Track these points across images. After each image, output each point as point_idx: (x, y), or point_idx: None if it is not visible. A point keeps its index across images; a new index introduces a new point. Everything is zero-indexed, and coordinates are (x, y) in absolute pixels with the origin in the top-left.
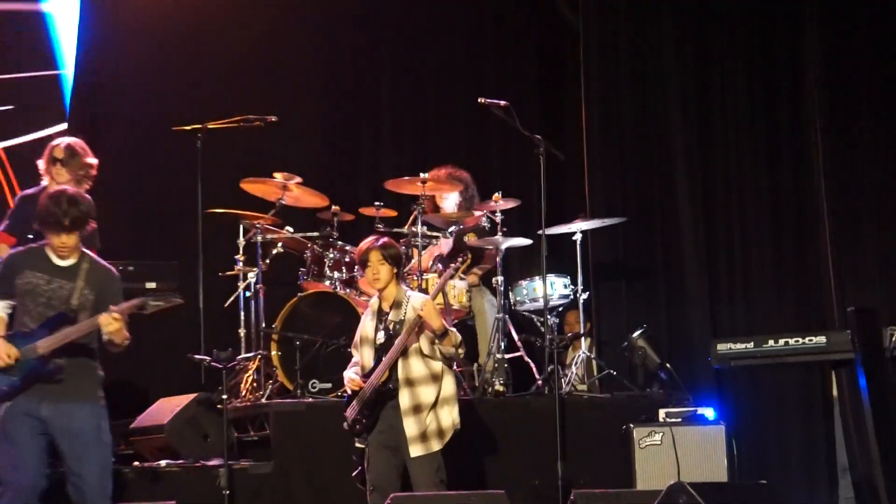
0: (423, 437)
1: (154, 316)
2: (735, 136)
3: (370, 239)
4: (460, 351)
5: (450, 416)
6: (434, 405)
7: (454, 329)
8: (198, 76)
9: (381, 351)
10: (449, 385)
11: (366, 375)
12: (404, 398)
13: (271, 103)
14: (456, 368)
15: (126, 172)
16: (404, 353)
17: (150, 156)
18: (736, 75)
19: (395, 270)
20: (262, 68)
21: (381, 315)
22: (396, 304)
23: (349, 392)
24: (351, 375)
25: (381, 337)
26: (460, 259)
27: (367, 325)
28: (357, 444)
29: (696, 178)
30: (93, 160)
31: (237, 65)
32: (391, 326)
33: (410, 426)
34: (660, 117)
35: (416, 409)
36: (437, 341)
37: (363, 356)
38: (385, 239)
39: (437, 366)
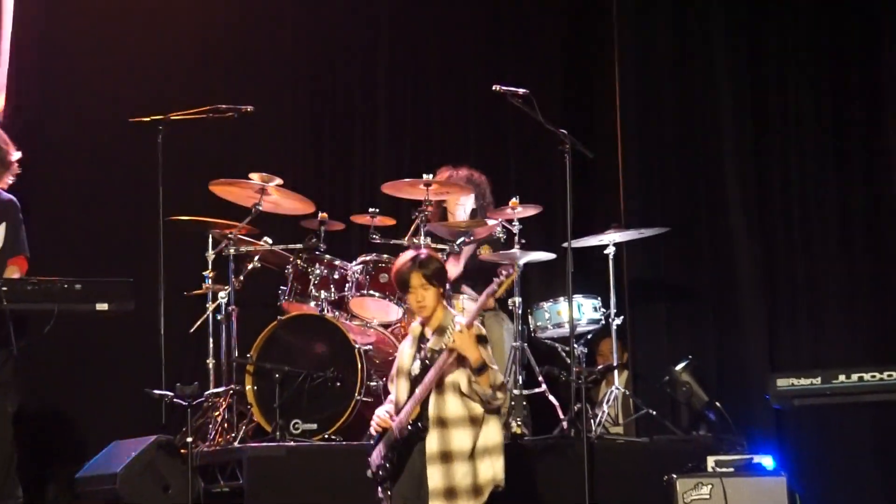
0: (450, 493)
1: (104, 342)
2: (796, 134)
3: (407, 257)
4: (499, 395)
5: (490, 469)
6: (471, 455)
7: (496, 367)
8: (162, 62)
9: (415, 384)
10: (493, 432)
11: (398, 413)
12: (432, 441)
13: (247, 92)
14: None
15: (72, 172)
16: (439, 386)
17: (103, 153)
18: (798, 64)
19: (441, 290)
20: (236, 52)
21: (421, 341)
22: (440, 330)
23: (376, 433)
24: (380, 413)
25: (416, 368)
26: (504, 273)
27: (404, 354)
28: (379, 494)
29: (749, 182)
30: (16, 154)
31: (207, 48)
32: (429, 355)
33: (434, 477)
34: (707, 112)
35: (445, 456)
36: (472, 377)
37: (398, 390)
38: (423, 254)
39: (479, 407)
